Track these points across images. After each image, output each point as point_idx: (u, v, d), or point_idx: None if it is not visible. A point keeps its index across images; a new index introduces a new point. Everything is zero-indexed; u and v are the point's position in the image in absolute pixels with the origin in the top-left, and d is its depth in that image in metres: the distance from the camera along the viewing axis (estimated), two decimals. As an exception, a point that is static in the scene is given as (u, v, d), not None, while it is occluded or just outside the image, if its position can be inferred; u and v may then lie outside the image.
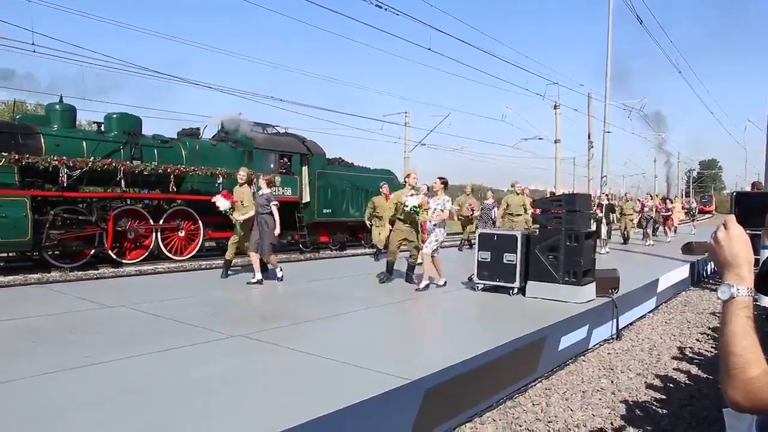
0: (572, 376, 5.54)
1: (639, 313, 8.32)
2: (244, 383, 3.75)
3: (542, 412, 4.51)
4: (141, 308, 6.22)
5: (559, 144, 31.03)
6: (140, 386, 3.65)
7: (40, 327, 5.29)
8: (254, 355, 4.51)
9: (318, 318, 5.97)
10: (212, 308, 6.31)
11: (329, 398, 3.37)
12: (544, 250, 7.11)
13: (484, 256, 7.59)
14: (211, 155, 14.52)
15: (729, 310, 1.22)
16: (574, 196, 7.94)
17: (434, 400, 3.89)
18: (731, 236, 1.26)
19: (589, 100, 29.97)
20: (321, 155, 17.39)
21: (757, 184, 14.23)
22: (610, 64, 21.95)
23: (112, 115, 13.33)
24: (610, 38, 21.83)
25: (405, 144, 32.82)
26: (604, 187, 20.86)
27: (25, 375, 3.76)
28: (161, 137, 14.02)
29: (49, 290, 7.63)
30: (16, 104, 17.67)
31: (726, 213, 1.34)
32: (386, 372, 3.91)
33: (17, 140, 11.22)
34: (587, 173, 29.70)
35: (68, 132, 12.24)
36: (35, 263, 11.90)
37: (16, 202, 10.55)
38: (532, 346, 5.26)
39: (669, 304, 9.69)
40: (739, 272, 1.24)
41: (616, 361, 6.06)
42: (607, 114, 22.84)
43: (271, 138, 16.67)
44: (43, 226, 11.06)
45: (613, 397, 4.93)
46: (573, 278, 6.88)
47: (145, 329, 5.34)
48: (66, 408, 3.23)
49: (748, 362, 1.14)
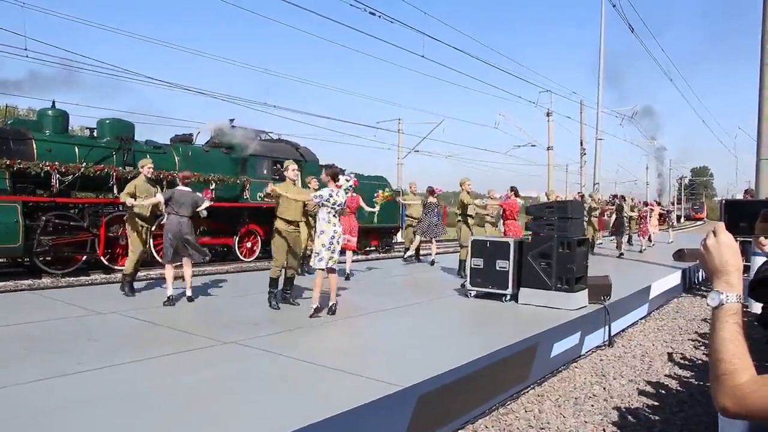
0: (564, 382, 5.55)
1: (631, 320, 8.35)
2: (236, 390, 3.74)
3: (535, 419, 4.52)
4: (133, 315, 6.19)
5: (552, 151, 31.21)
6: (132, 392, 3.63)
7: (31, 334, 5.25)
8: (247, 362, 4.49)
9: (311, 325, 5.95)
10: (203, 315, 6.29)
11: (322, 405, 3.37)
12: (537, 257, 7.13)
13: (476, 262, 7.61)
14: (204, 161, 14.49)
15: (718, 317, 1.23)
16: (567, 203, 7.98)
17: (427, 407, 3.89)
18: (721, 244, 1.28)
19: (581, 108, 30.19)
20: (314, 162, 17.38)
21: (750, 192, 14.29)
22: (602, 74, 22.13)
23: (104, 120, 13.30)
24: (602, 49, 22.03)
25: (398, 150, 32.87)
26: (596, 194, 20.95)
27: (18, 382, 3.73)
28: (154, 143, 14.00)
29: (41, 296, 7.57)
30: (8, 109, 17.57)
31: (717, 220, 1.36)
32: (379, 379, 3.91)
33: (9, 145, 11.17)
34: (580, 180, 29.83)
35: (60, 137, 12.20)
36: (26, 269, 11.82)
37: (8, 208, 10.49)
38: (525, 353, 5.27)
39: (661, 310, 9.73)
40: (728, 279, 1.26)
41: (609, 368, 6.08)
42: (600, 121, 23.03)
43: (265, 144, 16.66)
44: (35, 231, 11.00)
45: (605, 403, 4.95)
46: (565, 285, 6.91)
47: (136, 336, 5.32)
48: (60, 412, 3.21)
49: (736, 369, 1.16)
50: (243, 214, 15.02)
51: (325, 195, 6.43)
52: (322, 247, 6.40)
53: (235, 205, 14.84)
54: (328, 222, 6.45)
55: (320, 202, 6.44)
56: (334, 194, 6.44)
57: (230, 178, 14.67)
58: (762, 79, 10.42)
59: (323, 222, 6.46)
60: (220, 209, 14.41)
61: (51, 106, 12.56)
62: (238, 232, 14.90)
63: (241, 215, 15.00)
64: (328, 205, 6.42)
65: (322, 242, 6.41)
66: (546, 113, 30.51)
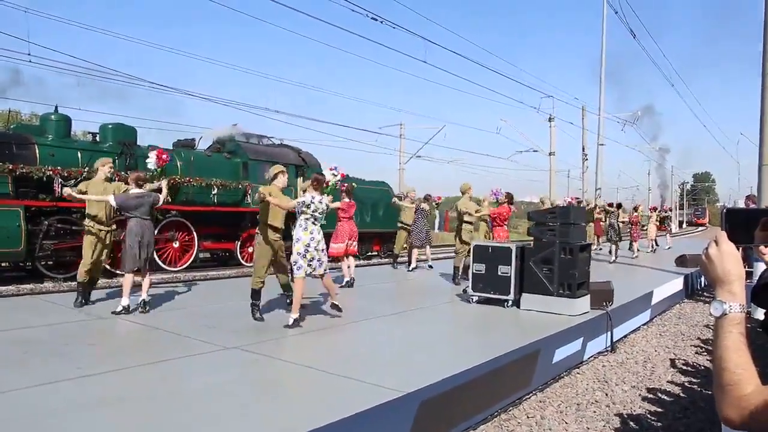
0: (567, 388, 5.54)
1: (633, 326, 8.33)
2: (238, 395, 3.74)
3: (537, 425, 4.50)
4: (134, 319, 6.19)
5: (553, 156, 31.20)
6: (133, 396, 3.63)
7: (32, 338, 5.25)
8: (248, 367, 4.49)
9: (312, 330, 5.95)
10: (206, 320, 6.28)
11: (323, 411, 3.36)
12: (539, 263, 7.12)
13: (478, 268, 7.60)
14: (206, 166, 14.51)
15: (722, 327, 1.23)
16: (569, 208, 7.97)
17: (429, 413, 3.88)
18: (722, 252, 1.27)
19: (583, 113, 30.21)
20: (316, 166, 17.39)
21: (752, 197, 14.27)
22: (603, 80, 22.17)
23: (107, 125, 13.32)
24: (604, 56, 22.07)
25: (400, 156, 32.90)
26: (598, 199, 20.93)
27: (18, 386, 3.73)
28: (156, 148, 14.01)
29: (42, 301, 7.58)
30: (11, 114, 17.65)
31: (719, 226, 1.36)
32: (380, 384, 3.90)
33: (11, 150, 11.18)
34: (581, 185, 29.82)
35: (63, 142, 12.22)
36: (28, 273, 11.82)
37: (10, 212, 10.50)
38: (527, 359, 5.25)
39: (663, 316, 9.71)
40: (731, 288, 1.25)
41: (611, 374, 6.06)
42: (601, 127, 23.05)
43: (267, 149, 16.69)
44: (37, 236, 11.00)
45: (607, 409, 4.93)
46: (567, 291, 6.90)
47: (137, 340, 5.32)
48: (60, 416, 3.20)
49: (741, 379, 1.15)
50: (245, 219, 15.02)
51: (307, 200, 6.20)
52: (298, 255, 6.12)
53: (237, 210, 14.86)
54: (304, 229, 6.18)
55: (299, 209, 6.20)
56: (315, 201, 6.21)
57: (232, 182, 14.69)
58: (764, 84, 10.40)
59: (300, 229, 6.18)
60: (222, 214, 14.46)
61: (54, 111, 12.60)
62: (239, 236, 14.91)
63: (243, 220, 15.00)
64: (308, 212, 6.17)
65: (298, 250, 6.13)
66: (548, 119, 30.51)
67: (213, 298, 7.92)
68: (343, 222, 9.67)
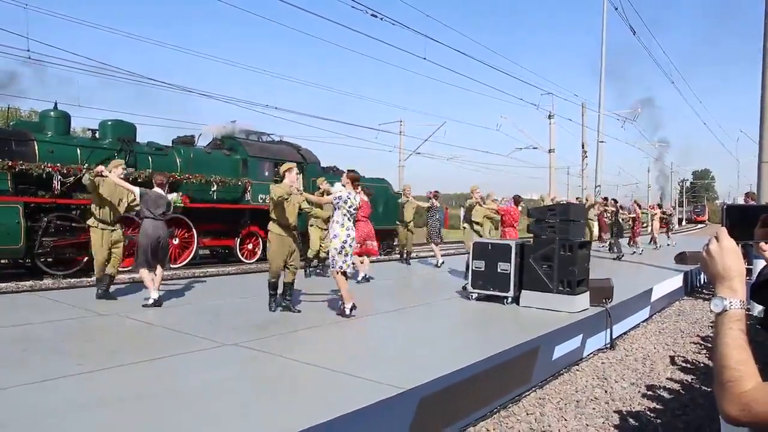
0: (566, 385, 5.54)
1: (633, 323, 8.33)
2: (237, 392, 3.74)
3: (536, 422, 4.51)
4: (134, 316, 6.19)
5: (553, 153, 31.19)
6: (133, 393, 3.62)
7: (32, 335, 5.25)
8: (247, 364, 4.49)
9: (312, 326, 5.95)
10: (206, 317, 6.28)
11: (322, 407, 3.36)
12: (539, 260, 7.12)
13: (478, 265, 7.60)
14: (205, 163, 14.51)
15: (722, 323, 1.22)
16: (569, 205, 7.97)
17: (428, 409, 3.89)
18: (723, 249, 1.27)
19: (583, 110, 30.19)
20: (316, 163, 17.39)
21: (751, 195, 14.25)
22: (603, 77, 22.13)
23: (106, 122, 13.32)
24: (604, 54, 22.03)
25: (400, 152, 32.89)
26: (597, 197, 20.92)
27: (18, 382, 3.73)
28: (156, 144, 14.01)
29: (42, 298, 7.58)
30: (10, 110, 17.62)
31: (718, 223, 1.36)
32: (380, 381, 3.90)
33: (11, 147, 11.19)
34: (581, 183, 29.82)
35: (62, 139, 12.21)
36: (28, 270, 11.82)
37: (9, 209, 10.50)
38: (526, 356, 5.26)
39: (663, 313, 9.71)
40: (731, 285, 1.25)
41: (610, 371, 6.07)
42: (601, 124, 23.01)
43: (266, 146, 16.69)
44: (36, 233, 11.01)
45: (607, 406, 4.94)
46: (567, 288, 6.90)
47: (137, 337, 5.32)
48: (60, 413, 3.20)
49: (742, 376, 1.15)
50: (244, 216, 15.02)
51: (344, 196, 6.24)
52: (335, 252, 6.19)
53: (236, 207, 14.86)
54: (341, 225, 6.24)
55: (338, 204, 6.24)
56: (351, 197, 6.29)
57: (232, 179, 14.69)
58: (764, 82, 10.38)
59: (337, 225, 6.25)
60: (222, 211, 14.46)
61: (53, 108, 12.58)
62: (239, 233, 14.91)
63: (243, 217, 15.01)
64: (345, 207, 6.24)
65: (335, 246, 6.20)
66: (548, 116, 30.50)
67: (212, 295, 7.92)
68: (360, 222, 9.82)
